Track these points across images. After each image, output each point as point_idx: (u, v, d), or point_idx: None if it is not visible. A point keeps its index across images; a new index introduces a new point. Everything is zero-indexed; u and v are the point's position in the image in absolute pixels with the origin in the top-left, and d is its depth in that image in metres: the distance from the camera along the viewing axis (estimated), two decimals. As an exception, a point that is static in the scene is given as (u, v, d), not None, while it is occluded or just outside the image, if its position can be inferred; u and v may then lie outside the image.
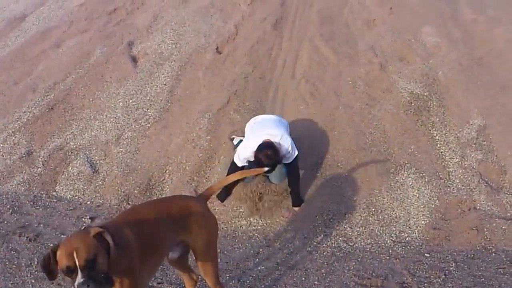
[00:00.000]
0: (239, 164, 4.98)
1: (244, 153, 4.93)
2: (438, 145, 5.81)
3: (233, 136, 5.77)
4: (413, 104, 6.30)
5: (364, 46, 7.44)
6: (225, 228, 4.99)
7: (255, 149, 4.77)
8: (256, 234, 4.93)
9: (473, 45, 7.37)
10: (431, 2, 8.30)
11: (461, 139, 5.85)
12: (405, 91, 6.49)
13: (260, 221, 5.07)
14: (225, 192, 5.17)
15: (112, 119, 6.35)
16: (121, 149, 5.91)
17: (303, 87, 6.71)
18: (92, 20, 8.54)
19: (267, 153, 4.66)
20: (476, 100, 6.37)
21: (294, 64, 7.21)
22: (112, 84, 6.93)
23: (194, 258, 3.35)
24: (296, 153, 5.01)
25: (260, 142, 4.79)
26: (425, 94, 6.46)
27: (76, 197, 5.38)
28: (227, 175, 4.84)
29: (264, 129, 5.01)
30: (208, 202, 3.46)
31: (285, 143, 4.89)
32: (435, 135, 5.93)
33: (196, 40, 7.74)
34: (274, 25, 8.03)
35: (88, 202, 5.31)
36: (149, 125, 6.24)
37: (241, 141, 5.35)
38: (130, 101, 6.62)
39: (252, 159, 4.82)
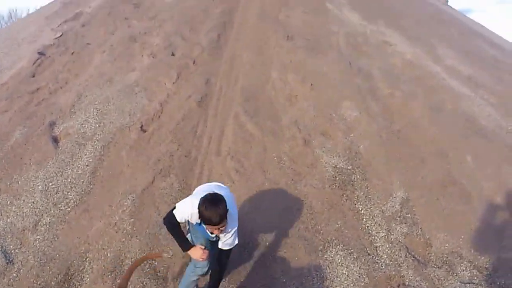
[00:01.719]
0: (179, 219, 4.32)
1: (186, 209, 4.28)
2: (364, 219, 5.86)
3: None
4: (337, 179, 6.38)
5: (288, 121, 7.56)
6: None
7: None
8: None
9: (391, 118, 7.65)
10: (349, 78, 8.61)
11: (386, 213, 5.94)
12: (329, 166, 6.59)
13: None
14: None
15: (29, 204, 6.05)
16: (38, 237, 5.59)
17: (228, 164, 6.68)
18: (13, 100, 8.28)
19: (214, 202, 3.97)
20: (398, 173, 6.53)
21: (220, 141, 7.20)
22: (31, 167, 6.65)
23: None
24: (236, 242, 4.47)
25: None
26: (349, 168, 6.57)
27: (-12, 292, 5.02)
28: (168, 227, 4.37)
29: (214, 189, 4.40)
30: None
31: (232, 222, 4.34)
32: (360, 209, 6.00)
33: (120, 119, 7.62)
34: (199, 102, 8.05)
35: (2, 297, 4.96)
36: (69, 209, 5.97)
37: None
38: (50, 184, 6.35)
39: (195, 216, 4.26)
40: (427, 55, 9.48)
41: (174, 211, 4.36)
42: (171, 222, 4.39)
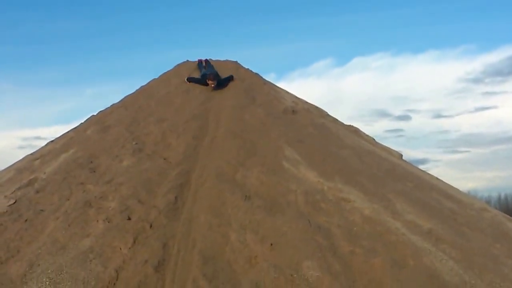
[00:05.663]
0: None
1: None
2: None
3: None
4: None
5: (248, 284, 7.31)
6: None
7: None
8: None
9: (353, 277, 7.48)
10: (309, 237, 8.49)
11: None
12: (292, 332, 6.28)
13: None
14: None
15: None
16: None
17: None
18: (-40, 273, 7.90)
19: None
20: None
21: (177, 308, 6.88)
22: None
23: None
24: None
25: None
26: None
27: None
28: None
29: None
30: None
31: None
32: None
33: (73, 288, 7.29)
34: (156, 267, 7.79)
35: None
36: None
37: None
38: None
39: None
40: (385, 210, 9.57)
41: None
42: None
